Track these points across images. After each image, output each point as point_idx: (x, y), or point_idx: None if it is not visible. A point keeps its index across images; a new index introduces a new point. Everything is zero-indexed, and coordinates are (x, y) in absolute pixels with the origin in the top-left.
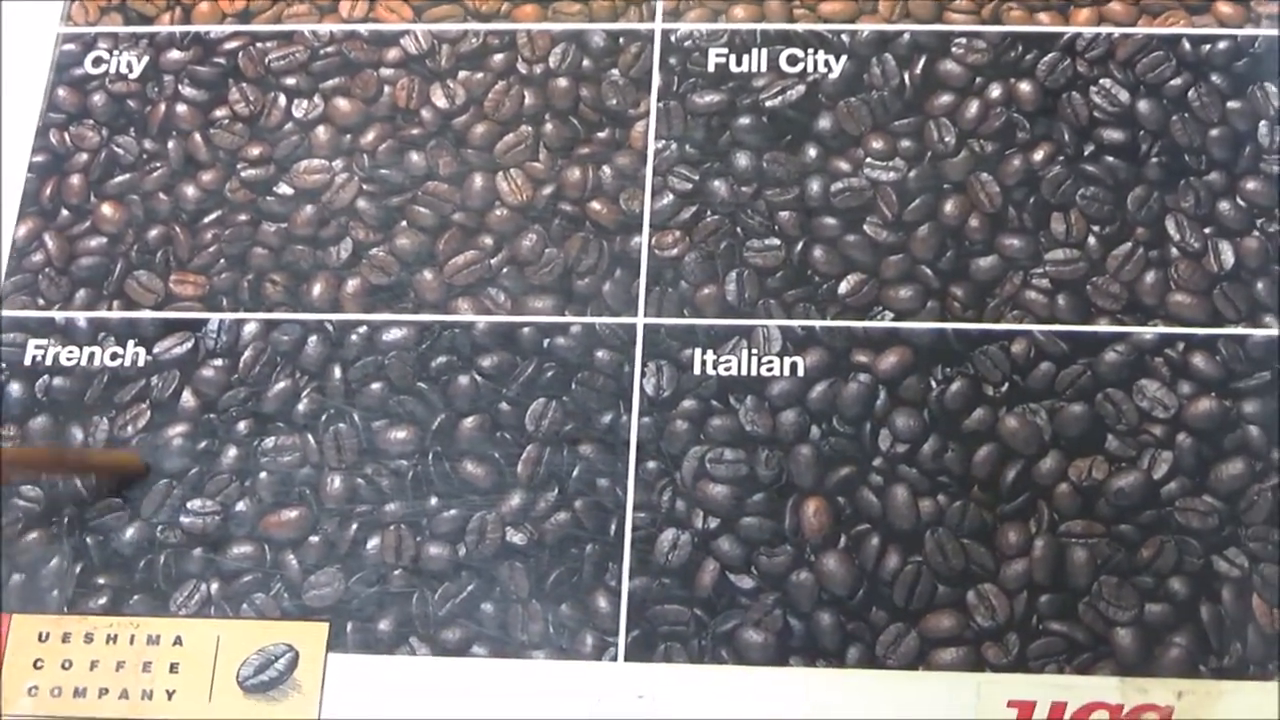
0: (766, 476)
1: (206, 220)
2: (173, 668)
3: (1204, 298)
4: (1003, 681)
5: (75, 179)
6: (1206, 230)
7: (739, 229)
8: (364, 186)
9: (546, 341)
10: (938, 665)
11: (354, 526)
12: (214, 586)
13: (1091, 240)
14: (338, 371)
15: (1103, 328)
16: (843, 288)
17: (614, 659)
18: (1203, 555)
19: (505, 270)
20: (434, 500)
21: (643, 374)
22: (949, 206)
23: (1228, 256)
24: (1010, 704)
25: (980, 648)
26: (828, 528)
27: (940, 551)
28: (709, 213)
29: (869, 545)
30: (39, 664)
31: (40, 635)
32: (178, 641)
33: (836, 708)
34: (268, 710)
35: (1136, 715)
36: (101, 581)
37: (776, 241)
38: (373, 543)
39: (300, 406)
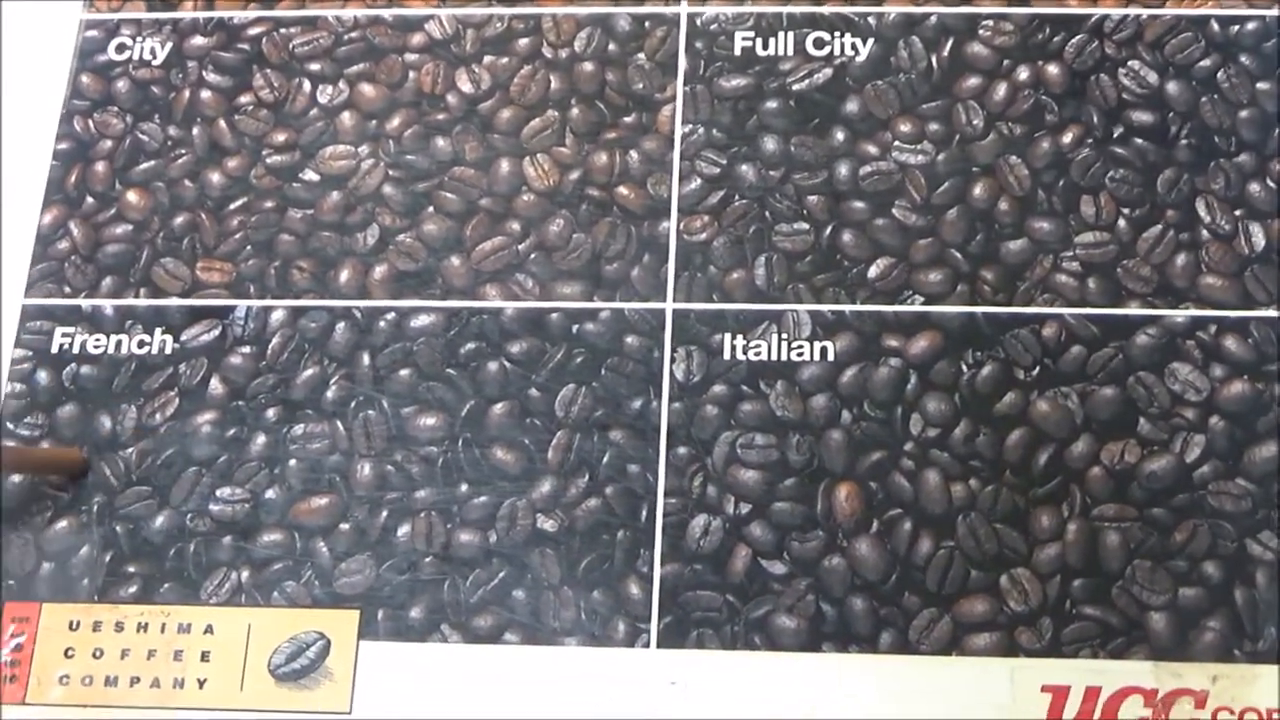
0: (798, 462)
1: (232, 207)
2: (204, 656)
3: (1235, 280)
4: (1036, 666)
5: (100, 166)
6: (1237, 212)
7: (767, 213)
8: (390, 172)
9: (575, 327)
10: (971, 650)
11: (384, 514)
12: (245, 574)
13: (1121, 223)
14: (366, 358)
15: (1134, 310)
16: (872, 272)
17: (646, 646)
18: (1236, 539)
19: (533, 256)
20: (464, 487)
21: (672, 359)
22: (978, 190)
23: (1259, 238)
24: (1044, 689)
25: (1013, 633)
26: (859, 513)
27: (973, 536)
28: (737, 197)
29: (901, 530)
30: (70, 653)
31: (71, 624)
32: (209, 630)
33: (869, 694)
34: (300, 699)
35: (1171, 700)
36: (132, 570)
37: (805, 226)
38: (403, 530)
39: (329, 393)
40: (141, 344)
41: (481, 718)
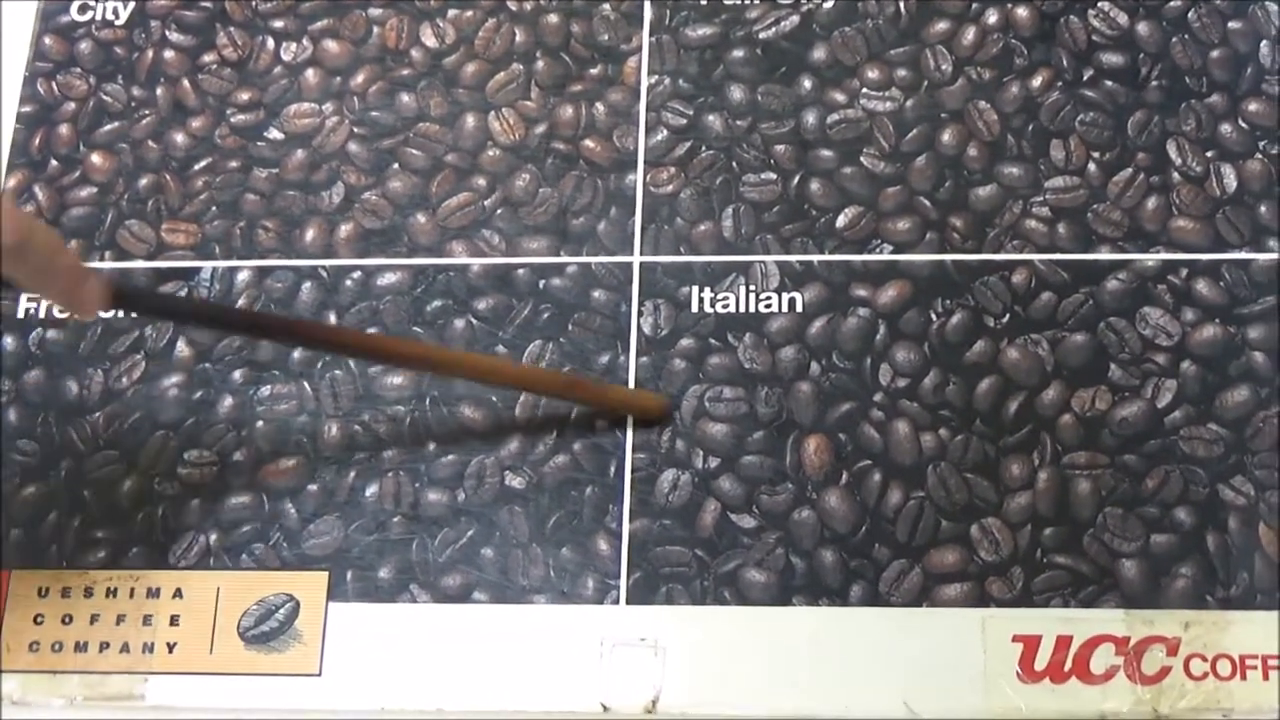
0: (766, 414)
1: (197, 168)
2: (173, 620)
3: (1206, 222)
4: (1008, 616)
5: (64, 129)
6: (1208, 154)
7: (734, 164)
8: (355, 129)
9: (542, 283)
10: (942, 601)
11: (352, 474)
12: (213, 538)
13: (1092, 167)
14: (333, 317)
15: (1104, 255)
16: (840, 221)
17: (616, 602)
18: (1208, 484)
19: (499, 212)
20: (432, 446)
21: (640, 313)
22: (947, 136)
23: (1230, 180)
24: (1015, 639)
25: (984, 583)
26: (829, 465)
27: (943, 486)
28: (704, 148)
29: (871, 481)
30: (39, 619)
31: (40, 590)
32: (178, 594)
33: (841, 647)
34: (270, 662)
35: (1143, 648)
36: (100, 535)
37: (773, 176)
38: (371, 490)
39: (295, 354)
40: None
41: (452, 677)
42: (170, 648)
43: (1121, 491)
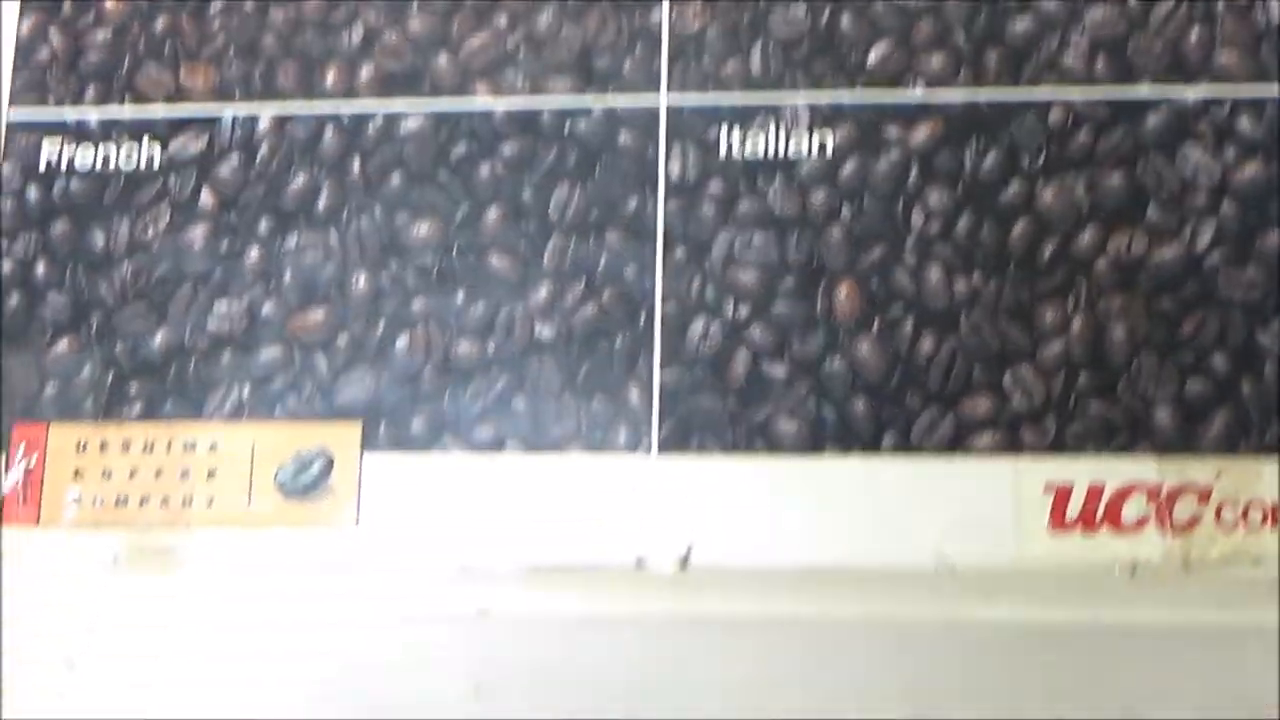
0: (797, 260)
1: (213, 9)
2: (210, 474)
3: (1251, 54)
4: (1040, 465)
5: None
6: None
7: None
8: None
9: (568, 125)
10: (974, 449)
11: (381, 325)
12: (245, 390)
13: None
14: (356, 163)
15: (1143, 91)
16: (871, 57)
17: (648, 452)
18: (1246, 328)
19: (522, 51)
20: (461, 295)
21: (667, 157)
22: None
23: (1276, 6)
24: (1047, 488)
25: (1017, 431)
26: (860, 311)
27: (976, 333)
28: None
29: (903, 328)
30: (79, 474)
31: (79, 445)
32: (213, 447)
33: (872, 496)
34: (308, 514)
35: (1174, 496)
36: (134, 389)
37: (802, 8)
38: (401, 341)
39: (321, 202)
40: (129, 156)
41: (488, 528)
42: (209, 502)
43: (1157, 337)
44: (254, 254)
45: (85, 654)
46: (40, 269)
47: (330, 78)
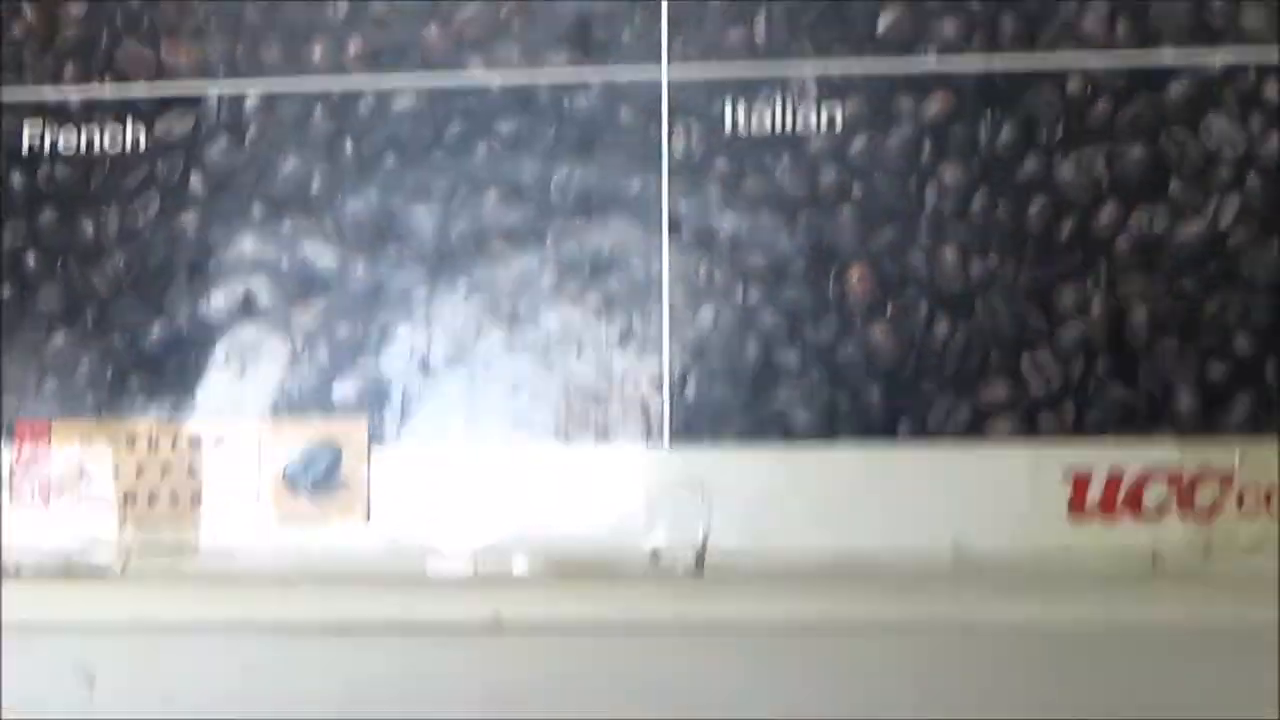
0: (807, 242)
1: None
2: (218, 470)
3: (1277, 14)
4: (1058, 452)
5: None
6: None
7: None
8: None
9: (566, 101)
10: (992, 436)
11: (382, 314)
12: (248, 385)
13: None
14: (348, 144)
15: (1166, 57)
16: (881, 23)
17: (661, 443)
18: (1270, 309)
19: (516, 21)
20: (462, 283)
21: (670, 134)
22: None
23: None
24: (1066, 475)
25: (1035, 416)
26: (873, 295)
27: (992, 316)
28: None
29: (917, 312)
30: (85, 472)
31: (83, 441)
32: (219, 442)
33: (889, 484)
34: (319, 509)
35: (1196, 481)
36: (134, 382)
37: None
38: (403, 329)
39: (314, 186)
40: (114, 139)
41: (499, 521)
42: (219, 498)
43: (1178, 317)
44: (248, 241)
45: (95, 655)
46: (31, 260)
47: (318, 52)
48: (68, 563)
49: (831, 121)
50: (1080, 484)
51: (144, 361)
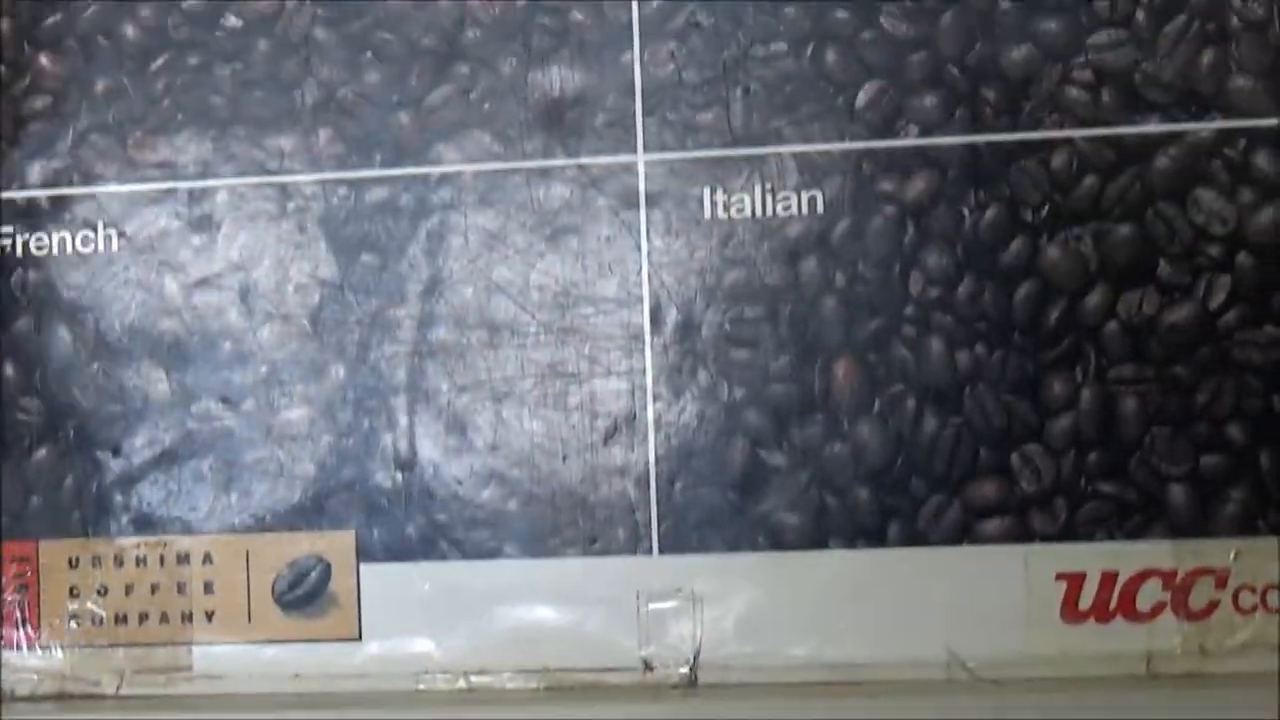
0: (790, 336)
1: (154, 66)
2: (207, 587)
3: (1268, 80)
4: (1051, 552)
5: (4, 24)
6: None
7: (739, 33)
8: (319, 11)
9: (542, 191)
10: (983, 538)
11: (366, 424)
12: (234, 497)
13: (1140, 15)
14: (323, 243)
15: (1153, 127)
16: (860, 99)
17: (649, 552)
18: (1263, 395)
19: (486, 105)
20: (445, 388)
21: (648, 222)
22: None
23: None
24: (1059, 576)
25: (1026, 516)
26: (859, 391)
27: (980, 410)
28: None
29: (904, 408)
30: (75, 592)
31: (71, 561)
32: (208, 559)
33: (880, 590)
34: (309, 627)
35: (1190, 581)
36: (119, 499)
37: (784, 45)
38: (385, 440)
39: (290, 287)
40: (85, 240)
41: (491, 636)
42: (209, 616)
43: (1170, 407)
44: (227, 346)
45: None
46: (9, 370)
47: (288, 145)
48: (62, 687)
49: (813, 204)
50: (1073, 585)
51: (127, 477)
